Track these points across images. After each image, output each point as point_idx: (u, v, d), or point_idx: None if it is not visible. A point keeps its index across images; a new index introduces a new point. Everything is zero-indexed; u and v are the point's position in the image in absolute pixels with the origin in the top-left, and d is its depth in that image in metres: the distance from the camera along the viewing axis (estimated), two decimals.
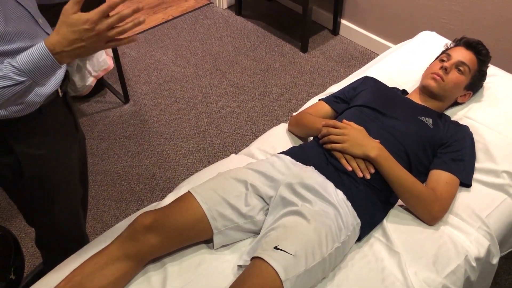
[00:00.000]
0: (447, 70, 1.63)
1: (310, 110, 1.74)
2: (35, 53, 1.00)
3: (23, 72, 1.00)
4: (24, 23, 1.10)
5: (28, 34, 1.10)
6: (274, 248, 1.18)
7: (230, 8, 3.63)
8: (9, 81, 1.00)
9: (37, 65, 1.01)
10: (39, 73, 1.02)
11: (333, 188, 1.37)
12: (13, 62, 1.00)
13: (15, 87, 1.01)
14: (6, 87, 1.00)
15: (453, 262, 1.34)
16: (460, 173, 1.49)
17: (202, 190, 1.35)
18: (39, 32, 1.15)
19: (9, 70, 1.00)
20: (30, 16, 1.13)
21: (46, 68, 1.02)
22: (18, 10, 1.09)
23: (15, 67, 1.00)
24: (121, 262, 1.23)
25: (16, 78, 1.00)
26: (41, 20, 1.18)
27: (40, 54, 1.00)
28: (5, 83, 1.00)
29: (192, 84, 2.95)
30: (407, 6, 2.86)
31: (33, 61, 1.00)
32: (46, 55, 1.00)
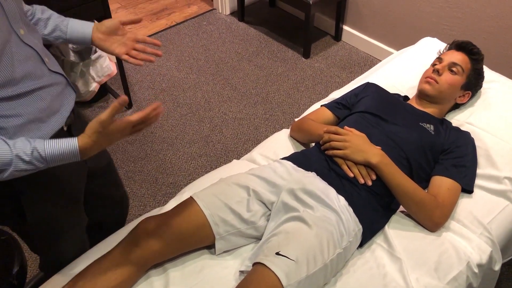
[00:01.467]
0: (439, 72, 1.64)
1: (312, 116, 1.75)
2: (66, 150, 1.03)
3: (45, 161, 1.03)
4: (31, 64, 1.10)
5: (34, 75, 1.10)
6: (276, 253, 1.18)
7: (233, 14, 3.65)
8: (31, 166, 1.02)
9: (61, 159, 1.05)
10: (57, 163, 1.06)
11: (335, 194, 1.37)
12: (40, 151, 1.01)
13: (32, 170, 1.04)
14: (24, 170, 1.03)
15: (455, 268, 1.33)
16: (462, 179, 1.49)
17: (204, 196, 1.36)
18: (45, 72, 1.14)
19: (34, 158, 1.01)
20: (37, 56, 1.12)
21: (66, 161, 1.06)
22: (25, 51, 1.08)
23: (42, 156, 1.02)
24: (123, 267, 1.23)
25: (37, 164, 1.03)
26: (46, 58, 1.16)
27: (70, 153, 1.04)
28: (26, 167, 1.02)
29: (195, 90, 2.96)
30: (409, 13, 2.87)
31: (61, 156, 1.04)
32: (75, 155, 1.05)
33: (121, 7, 3.74)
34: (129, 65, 3.14)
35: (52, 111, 1.16)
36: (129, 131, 1.08)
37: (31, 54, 1.10)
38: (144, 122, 1.09)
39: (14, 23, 1.05)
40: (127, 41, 1.31)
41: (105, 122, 1.03)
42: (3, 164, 0.98)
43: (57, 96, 1.17)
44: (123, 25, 1.30)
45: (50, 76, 1.15)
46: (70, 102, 1.23)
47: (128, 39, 1.31)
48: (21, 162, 1.00)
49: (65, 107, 1.21)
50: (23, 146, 1.01)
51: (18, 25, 1.07)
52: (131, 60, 1.30)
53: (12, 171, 1.00)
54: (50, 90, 1.14)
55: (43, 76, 1.13)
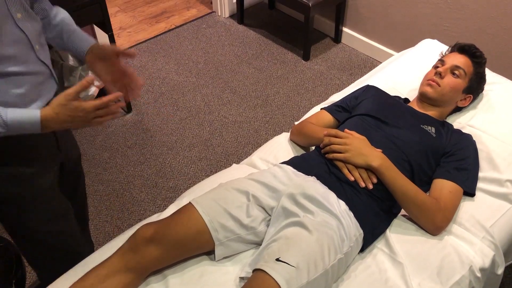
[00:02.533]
0: (441, 75, 1.63)
1: (312, 119, 1.73)
2: (27, 118, 1.07)
3: (6, 126, 1.05)
4: (18, 48, 1.12)
5: (18, 59, 1.12)
6: (276, 260, 1.17)
7: (232, 17, 3.64)
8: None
9: (22, 128, 1.08)
10: (18, 131, 1.08)
11: (335, 199, 1.36)
12: (3, 115, 1.04)
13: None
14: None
15: (457, 273, 1.32)
16: (464, 182, 1.47)
17: (203, 201, 1.35)
18: (32, 58, 1.17)
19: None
20: (27, 42, 1.14)
21: (26, 131, 1.09)
22: (16, 34, 1.10)
23: (4, 121, 1.04)
24: (122, 274, 1.22)
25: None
26: (37, 46, 1.18)
27: (32, 121, 1.08)
28: None
29: (195, 93, 2.96)
30: (409, 14, 2.86)
31: (21, 123, 1.07)
32: (36, 124, 1.08)
33: (120, 11, 3.73)
34: None
35: (30, 99, 1.18)
36: (91, 115, 1.11)
37: (22, 38, 1.12)
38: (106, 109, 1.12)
39: (11, 7, 1.08)
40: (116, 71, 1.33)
41: (69, 95, 1.07)
42: None
43: (37, 85, 1.19)
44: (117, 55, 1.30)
45: (35, 64, 1.17)
46: (49, 94, 1.25)
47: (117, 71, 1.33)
48: None
49: (43, 98, 1.22)
50: None
51: (16, 9, 1.10)
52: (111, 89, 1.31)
53: None
54: (30, 78, 1.16)
55: (27, 62, 1.15)
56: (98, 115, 1.12)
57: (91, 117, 1.12)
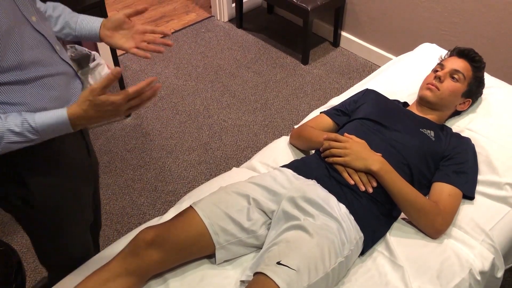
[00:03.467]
0: (441, 79, 1.64)
1: (311, 123, 1.74)
2: (55, 119, 1.04)
3: (37, 132, 1.04)
4: (41, 51, 1.10)
5: (44, 61, 1.10)
6: (277, 263, 1.17)
7: (231, 21, 3.65)
8: (22, 138, 1.03)
9: (53, 130, 1.05)
10: (50, 134, 1.06)
11: (336, 202, 1.37)
12: (31, 122, 1.02)
13: (25, 143, 1.05)
14: (17, 143, 1.03)
15: (457, 276, 1.32)
16: (463, 185, 1.48)
17: (204, 205, 1.35)
18: (55, 59, 1.14)
19: (25, 129, 1.02)
20: (47, 43, 1.12)
21: (59, 132, 1.07)
22: (36, 38, 1.09)
23: (32, 127, 1.02)
24: (123, 278, 1.22)
25: (29, 136, 1.04)
26: (58, 46, 1.16)
27: (60, 121, 1.04)
28: (18, 139, 1.03)
29: (194, 97, 2.96)
30: (408, 18, 2.88)
31: (51, 126, 1.04)
32: (65, 124, 1.05)
33: None
34: (128, 73, 3.14)
35: (63, 101, 1.16)
36: (123, 106, 1.05)
37: (42, 41, 1.11)
38: (140, 97, 1.06)
39: (25, 11, 1.07)
40: (135, 34, 1.30)
41: (95, 90, 1.01)
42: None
43: (66, 85, 1.18)
44: (129, 17, 1.29)
45: (61, 65, 1.16)
46: (78, 93, 1.23)
47: (136, 32, 1.30)
48: (12, 134, 1.01)
49: (74, 98, 1.20)
50: (13, 119, 1.02)
51: (30, 13, 1.08)
52: (138, 53, 1.28)
53: (5, 143, 1.02)
54: (59, 79, 1.15)
55: (53, 63, 1.13)
56: (132, 105, 1.06)
57: (123, 109, 1.06)
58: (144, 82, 1.04)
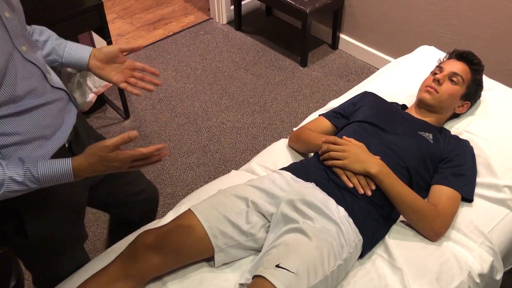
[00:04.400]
0: (440, 82, 1.64)
1: (310, 125, 1.74)
2: (59, 170, 1.03)
3: (38, 181, 1.03)
4: (34, 81, 1.08)
5: (37, 92, 1.09)
6: (276, 266, 1.17)
7: (229, 23, 3.66)
8: (23, 187, 1.02)
9: (55, 179, 1.04)
10: (51, 183, 1.05)
11: (335, 205, 1.37)
12: (33, 172, 1.01)
13: (24, 191, 1.04)
14: (16, 191, 1.02)
15: (456, 278, 1.32)
16: (462, 188, 1.48)
17: (202, 208, 1.35)
18: (47, 88, 1.13)
19: (27, 179, 1.01)
20: (40, 73, 1.11)
21: (60, 182, 1.06)
22: (27, 68, 1.07)
23: (34, 177, 1.02)
24: (121, 282, 1.22)
25: (30, 185, 1.03)
26: (48, 75, 1.15)
27: (63, 173, 1.04)
28: (18, 188, 1.01)
29: (192, 99, 2.96)
30: (406, 20, 2.88)
31: (54, 176, 1.03)
32: (68, 176, 1.05)
33: (118, 17, 3.74)
34: None
35: (55, 127, 1.14)
36: (127, 165, 1.07)
37: (34, 71, 1.09)
38: (145, 160, 1.08)
39: (15, 40, 1.04)
40: (125, 69, 1.29)
41: (107, 148, 1.02)
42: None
43: (60, 111, 1.16)
44: (122, 53, 1.28)
45: (53, 92, 1.14)
46: (72, 117, 1.21)
47: (127, 67, 1.29)
48: (14, 183, 1.00)
49: (67, 123, 1.19)
50: (15, 166, 1.00)
51: (20, 42, 1.06)
52: (129, 88, 1.29)
53: (4, 192, 1.00)
54: (52, 107, 1.13)
55: (45, 92, 1.11)
56: (135, 165, 1.08)
57: (126, 166, 1.08)
58: (154, 147, 1.06)
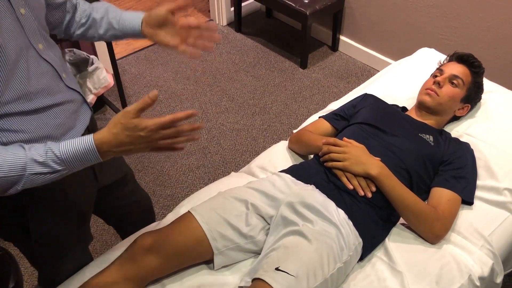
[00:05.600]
0: (440, 85, 1.64)
1: (310, 127, 1.74)
2: (81, 146, 0.96)
3: (63, 161, 0.95)
4: (47, 79, 1.05)
5: (50, 90, 1.06)
6: (276, 269, 1.17)
7: (229, 25, 3.66)
8: (47, 168, 0.95)
9: (80, 158, 0.96)
10: (78, 164, 0.97)
11: (335, 207, 1.36)
12: (55, 150, 0.95)
13: (50, 175, 0.97)
14: (42, 174, 0.95)
15: (456, 281, 1.32)
16: (462, 190, 1.48)
17: (202, 210, 1.34)
18: (62, 88, 1.10)
19: (49, 158, 0.94)
20: (54, 71, 1.08)
21: (87, 162, 0.98)
22: (42, 66, 1.04)
23: (57, 156, 0.95)
24: (120, 285, 1.21)
25: (55, 166, 0.95)
26: (64, 74, 1.12)
27: (86, 148, 0.96)
28: (42, 170, 0.95)
29: (192, 101, 2.96)
30: (406, 23, 2.88)
31: (77, 153, 0.96)
32: (92, 151, 0.96)
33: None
34: (126, 77, 3.13)
35: (66, 128, 1.12)
36: (156, 135, 0.96)
37: (48, 69, 1.07)
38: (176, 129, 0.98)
39: (32, 38, 1.02)
40: (179, 30, 1.21)
41: (129, 113, 0.94)
42: (17, 168, 0.92)
43: (72, 113, 1.14)
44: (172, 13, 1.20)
45: (67, 93, 1.12)
46: (85, 119, 1.19)
47: (181, 28, 1.21)
48: (36, 164, 0.94)
49: (80, 125, 1.16)
50: (37, 148, 0.96)
51: (37, 40, 1.04)
52: (187, 51, 1.20)
53: (28, 175, 0.94)
54: (65, 107, 1.10)
55: (59, 92, 1.09)
56: (165, 135, 0.97)
57: (155, 138, 0.97)
58: (182, 113, 0.96)
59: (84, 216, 1.34)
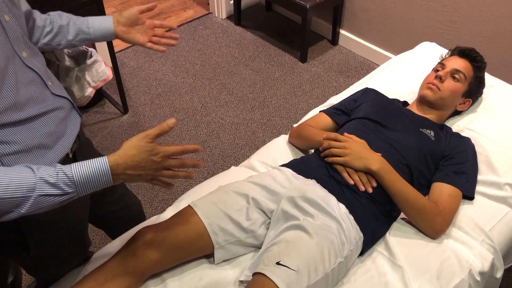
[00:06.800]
0: (442, 79, 1.63)
1: (310, 122, 1.73)
2: (95, 167, 0.94)
3: (73, 184, 0.92)
4: (34, 88, 1.04)
5: (38, 98, 1.04)
6: (276, 263, 1.16)
7: (229, 18, 3.64)
8: (58, 190, 0.91)
9: (91, 181, 0.94)
10: (87, 188, 0.95)
11: (336, 202, 1.36)
12: (67, 172, 0.92)
13: (59, 197, 0.92)
14: (51, 196, 0.91)
15: (457, 276, 1.32)
16: (463, 185, 1.47)
17: (202, 204, 1.34)
18: (48, 96, 1.09)
19: (60, 180, 0.91)
20: (40, 80, 1.07)
21: (97, 185, 0.95)
22: (28, 74, 1.03)
23: (68, 177, 0.92)
24: (121, 278, 1.20)
25: (65, 189, 0.92)
26: (50, 82, 1.11)
27: (100, 170, 0.94)
28: (52, 191, 0.91)
29: (191, 95, 2.95)
30: (406, 17, 2.87)
31: (90, 175, 0.93)
32: (106, 173, 0.95)
33: (117, 12, 3.71)
34: (125, 70, 3.12)
35: (57, 136, 1.10)
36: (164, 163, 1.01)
37: (34, 77, 1.05)
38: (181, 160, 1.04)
39: (16, 46, 1.01)
40: (147, 29, 1.35)
41: (147, 137, 0.99)
42: (27, 189, 0.88)
43: (62, 120, 1.12)
44: (141, 13, 1.33)
45: (54, 100, 1.10)
46: (75, 126, 1.17)
47: (148, 27, 1.35)
48: (47, 184, 0.90)
49: (71, 132, 1.15)
50: (47, 169, 0.92)
51: (21, 48, 1.03)
52: (155, 47, 1.35)
53: (37, 196, 0.89)
54: (54, 115, 1.09)
55: (46, 100, 1.08)
56: (171, 165, 1.02)
57: (164, 165, 1.01)
58: (191, 146, 1.03)
59: (80, 225, 1.33)
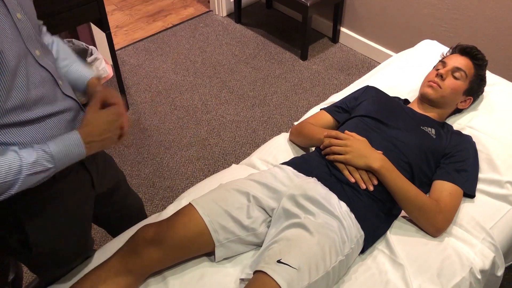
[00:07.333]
0: (443, 77, 1.63)
1: (311, 119, 1.73)
2: (68, 140, 1.01)
3: (53, 158, 0.99)
4: (45, 87, 1.04)
5: (48, 99, 1.05)
6: (277, 261, 1.16)
7: (229, 16, 3.63)
8: (40, 167, 0.97)
9: (68, 153, 1.01)
10: (65, 161, 1.02)
11: (337, 200, 1.36)
12: (44, 148, 0.98)
13: (42, 173, 0.99)
14: (36, 174, 0.97)
15: (458, 274, 1.32)
16: (464, 183, 1.47)
17: (203, 202, 1.34)
18: (58, 96, 1.09)
19: (40, 156, 0.97)
20: (52, 78, 1.07)
21: (73, 156, 1.03)
22: (40, 73, 1.03)
23: (47, 153, 0.98)
24: (122, 276, 1.21)
25: (46, 164, 0.98)
26: (61, 81, 1.11)
27: (73, 142, 1.01)
28: (35, 169, 0.97)
29: (192, 92, 2.94)
30: (407, 14, 2.86)
31: (65, 148, 1.00)
32: (79, 144, 1.02)
33: (117, 9, 3.71)
34: (126, 68, 3.11)
35: None
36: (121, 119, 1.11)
37: (46, 76, 1.05)
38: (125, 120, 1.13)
39: (29, 44, 1.00)
40: None
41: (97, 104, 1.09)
42: (14, 171, 0.94)
43: (70, 122, 1.12)
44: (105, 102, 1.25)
45: (64, 101, 1.10)
46: None
47: None
48: (30, 164, 0.96)
49: None
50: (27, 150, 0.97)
51: (34, 46, 1.02)
52: None
53: (26, 176, 0.95)
54: (63, 117, 1.09)
55: (56, 100, 1.08)
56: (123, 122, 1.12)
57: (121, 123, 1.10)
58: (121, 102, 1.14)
59: (84, 224, 1.33)
